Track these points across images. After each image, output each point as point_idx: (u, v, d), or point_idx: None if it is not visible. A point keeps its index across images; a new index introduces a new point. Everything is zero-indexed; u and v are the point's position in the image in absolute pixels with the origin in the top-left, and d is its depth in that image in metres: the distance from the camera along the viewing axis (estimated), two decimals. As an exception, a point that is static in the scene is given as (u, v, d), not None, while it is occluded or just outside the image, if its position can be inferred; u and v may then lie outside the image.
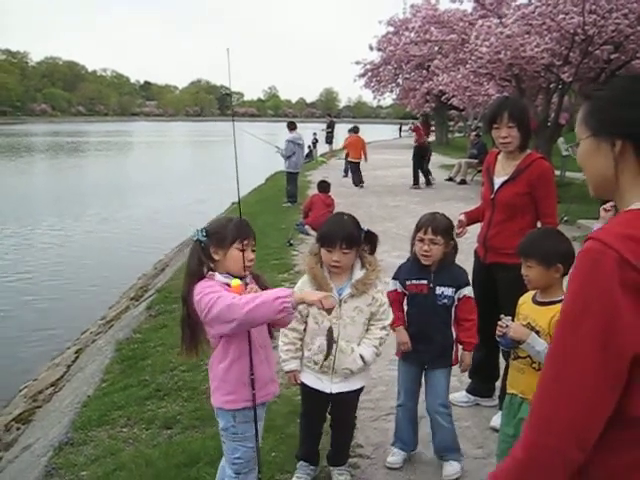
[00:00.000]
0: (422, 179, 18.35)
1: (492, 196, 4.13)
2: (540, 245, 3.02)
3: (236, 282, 2.77)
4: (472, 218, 4.35)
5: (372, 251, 3.37)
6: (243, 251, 2.81)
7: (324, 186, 11.59)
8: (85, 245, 15.49)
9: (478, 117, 29.94)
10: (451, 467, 3.66)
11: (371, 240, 3.33)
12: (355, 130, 19.24)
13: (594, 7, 12.23)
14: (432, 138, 43.31)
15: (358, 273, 3.30)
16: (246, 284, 2.84)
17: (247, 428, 2.91)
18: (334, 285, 3.29)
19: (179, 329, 2.97)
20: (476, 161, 19.51)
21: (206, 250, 2.85)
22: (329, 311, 2.57)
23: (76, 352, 8.22)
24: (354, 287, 3.28)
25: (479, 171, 19.32)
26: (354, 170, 18.37)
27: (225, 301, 2.59)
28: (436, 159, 27.28)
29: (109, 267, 13.39)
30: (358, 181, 18.07)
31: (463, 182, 18.88)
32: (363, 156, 18.35)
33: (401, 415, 3.81)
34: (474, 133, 21.68)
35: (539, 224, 4.08)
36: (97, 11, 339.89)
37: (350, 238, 3.22)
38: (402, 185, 18.72)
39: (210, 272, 2.84)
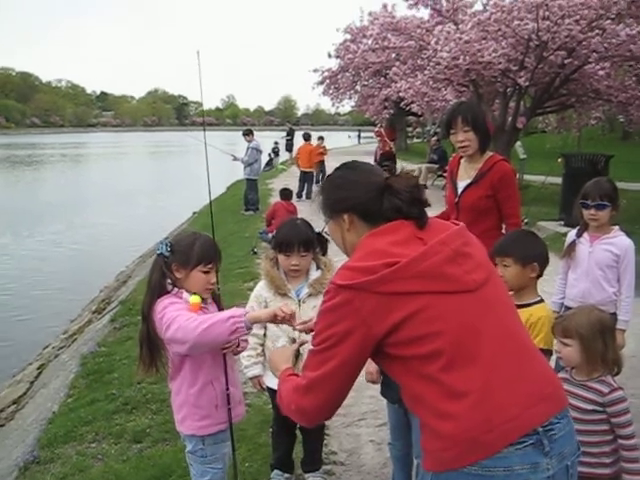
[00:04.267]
0: None
1: (456, 200, 4.18)
2: (518, 243, 3.12)
3: (195, 299, 2.70)
4: None
5: (324, 252, 3.46)
6: (206, 273, 2.77)
7: (286, 194, 11.60)
8: (44, 258, 15.18)
9: (437, 122, 30.23)
10: None
11: (322, 242, 3.40)
12: (306, 137, 18.29)
13: (547, 14, 12.46)
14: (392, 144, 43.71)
15: (314, 274, 3.42)
16: (205, 305, 2.81)
17: (216, 450, 2.88)
18: (291, 287, 3.39)
19: (138, 342, 2.88)
20: (436, 166, 19.71)
21: (168, 265, 2.78)
22: (292, 321, 2.50)
23: (38, 368, 8.02)
24: (312, 287, 3.37)
25: (439, 176, 19.53)
26: (305, 180, 17.23)
27: (180, 321, 2.53)
28: (397, 165, 27.46)
29: (69, 280, 13.13)
30: (307, 193, 16.84)
31: (424, 187, 18.98)
32: (315, 164, 17.73)
33: (391, 455, 3.50)
34: (434, 138, 21.83)
35: (503, 225, 4.14)
36: (51, 21, 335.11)
37: (307, 241, 3.32)
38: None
39: (177, 289, 2.78)
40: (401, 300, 1.76)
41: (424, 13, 15.96)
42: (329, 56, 29.64)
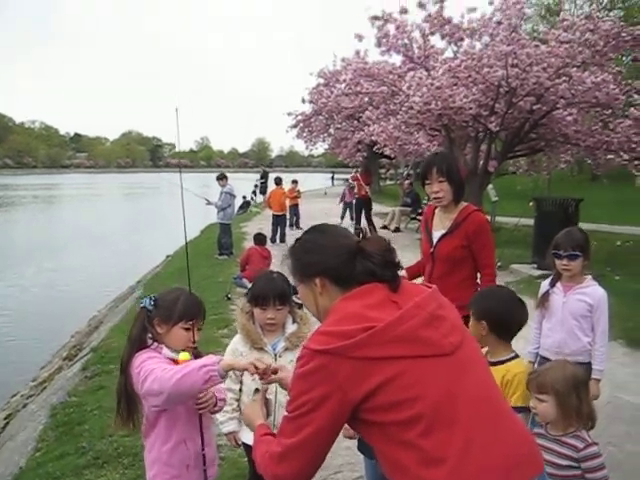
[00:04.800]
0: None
1: (431, 250, 4.21)
2: (477, 298, 3.22)
3: (185, 356, 2.66)
4: (413, 273, 4.41)
5: (300, 305, 3.40)
6: (187, 330, 2.75)
7: (260, 239, 11.62)
8: (13, 303, 14.90)
9: (409, 165, 30.60)
10: None
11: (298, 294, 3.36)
12: (277, 182, 18.25)
13: (516, 61, 12.75)
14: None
15: (291, 327, 3.39)
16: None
17: None
18: (267, 341, 3.34)
19: (117, 395, 2.82)
20: (410, 209, 19.88)
21: (151, 319, 2.77)
22: (265, 376, 2.44)
23: (6, 418, 7.80)
24: (288, 340, 3.34)
25: (412, 219, 19.70)
26: (277, 223, 17.16)
27: (156, 373, 2.51)
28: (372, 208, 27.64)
29: (39, 325, 12.86)
30: (281, 236, 16.98)
31: (397, 230, 19.13)
32: (286, 208, 17.83)
33: None
34: (407, 182, 22.09)
35: (479, 275, 4.17)
36: (25, 62, 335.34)
37: (283, 295, 3.30)
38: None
39: (157, 344, 2.75)
40: (378, 365, 1.74)
41: (396, 59, 16.18)
42: (303, 101, 30.03)
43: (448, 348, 1.82)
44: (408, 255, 14.01)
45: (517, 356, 3.09)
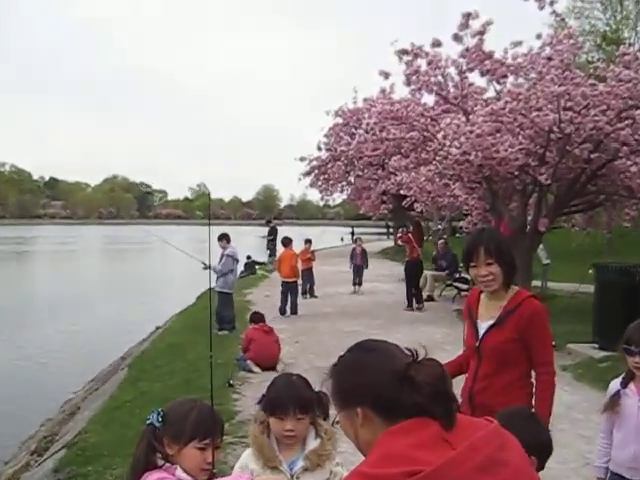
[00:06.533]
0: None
1: (477, 343, 4.16)
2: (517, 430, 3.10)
3: None
4: (454, 370, 4.33)
5: (325, 415, 3.36)
6: (202, 450, 2.73)
7: (256, 318, 11.86)
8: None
9: (445, 219, 30.72)
10: None
11: (322, 403, 3.31)
12: (285, 243, 18.21)
13: (570, 103, 12.85)
14: (390, 243, 44.12)
15: (312, 443, 3.30)
16: None
17: None
18: (283, 458, 3.28)
19: None
20: (445, 273, 19.83)
21: (159, 438, 2.75)
22: None
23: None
24: (308, 459, 3.26)
25: (448, 285, 19.66)
26: (288, 291, 17.16)
27: None
28: (396, 269, 27.65)
29: (2, 411, 12.75)
30: (292, 307, 17.06)
31: (430, 299, 19.07)
32: (299, 272, 17.94)
33: None
34: (442, 241, 22.08)
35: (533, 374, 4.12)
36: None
37: (304, 402, 3.24)
38: (359, 303, 18.81)
39: (168, 464, 2.73)
40: None
41: (428, 99, 16.26)
42: (319, 149, 30.41)
43: None
44: (443, 330, 14.00)
45: None
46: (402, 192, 19.17)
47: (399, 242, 22.19)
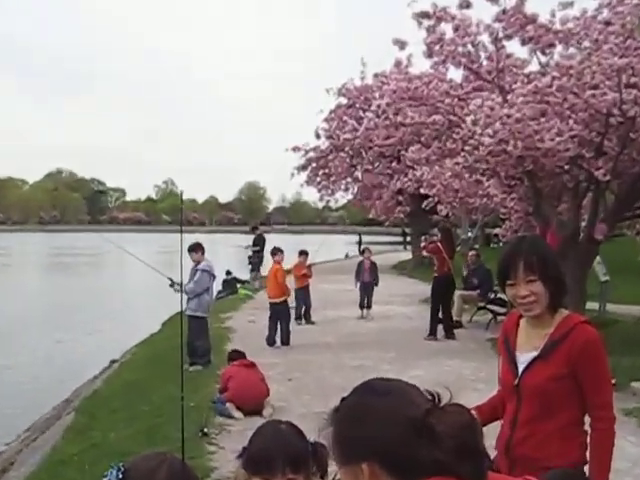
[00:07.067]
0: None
1: (516, 382, 4.14)
2: None
3: None
4: (487, 416, 4.32)
5: (323, 473, 3.27)
6: None
7: (234, 356, 11.93)
8: None
9: (477, 226, 30.65)
10: None
11: (319, 457, 3.21)
12: (272, 252, 18.01)
13: (633, 79, 12.87)
14: (407, 255, 44.11)
15: None
16: None
17: None
18: None
19: None
20: (476, 293, 19.79)
21: None
22: None
23: None
24: None
25: (480, 308, 19.64)
26: (276, 316, 16.90)
27: None
28: (415, 287, 27.59)
29: None
30: (283, 336, 16.83)
31: (458, 325, 19.02)
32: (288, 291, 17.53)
33: None
34: (472, 252, 21.96)
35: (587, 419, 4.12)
36: None
37: (296, 457, 3.17)
38: (368, 331, 18.79)
39: None
40: None
41: (456, 75, 16.13)
42: (317, 136, 30.31)
43: None
44: (473, 365, 13.96)
45: None
46: (422, 191, 19.18)
47: (424, 253, 21.93)
